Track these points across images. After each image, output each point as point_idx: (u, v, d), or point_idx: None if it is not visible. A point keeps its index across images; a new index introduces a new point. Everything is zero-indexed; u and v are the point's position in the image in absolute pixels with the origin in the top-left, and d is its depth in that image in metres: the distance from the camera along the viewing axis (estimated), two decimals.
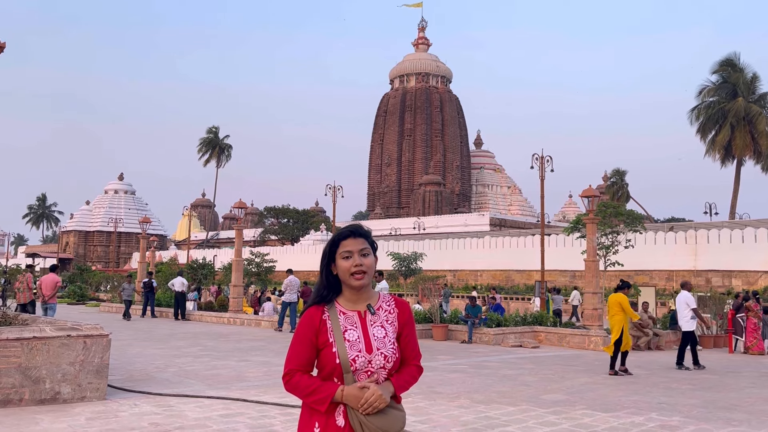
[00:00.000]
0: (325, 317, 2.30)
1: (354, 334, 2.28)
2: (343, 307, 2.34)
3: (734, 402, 8.58)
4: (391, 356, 2.29)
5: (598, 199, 19.35)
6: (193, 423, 6.58)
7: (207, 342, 15.39)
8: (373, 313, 2.34)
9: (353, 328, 2.29)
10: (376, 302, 2.38)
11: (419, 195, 72.92)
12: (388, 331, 2.32)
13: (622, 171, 58.74)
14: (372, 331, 2.30)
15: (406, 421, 2.33)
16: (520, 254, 39.92)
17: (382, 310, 2.37)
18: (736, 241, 32.37)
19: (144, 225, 32.69)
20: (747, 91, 44.47)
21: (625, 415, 7.49)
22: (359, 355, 2.24)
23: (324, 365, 2.26)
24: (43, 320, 8.86)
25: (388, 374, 2.29)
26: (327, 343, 2.26)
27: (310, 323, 2.29)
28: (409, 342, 2.37)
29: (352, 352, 2.24)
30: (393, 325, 2.34)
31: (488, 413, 7.39)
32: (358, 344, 2.26)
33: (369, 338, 2.28)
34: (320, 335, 2.28)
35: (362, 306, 2.35)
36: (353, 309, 2.34)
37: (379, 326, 2.32)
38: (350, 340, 2.26)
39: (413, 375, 2.37)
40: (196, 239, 78.96)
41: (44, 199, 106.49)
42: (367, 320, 2.32)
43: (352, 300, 2.35)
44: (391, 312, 2.37)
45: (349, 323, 2.30)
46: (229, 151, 76.93)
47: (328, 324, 2.29)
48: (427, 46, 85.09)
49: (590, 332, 16.14)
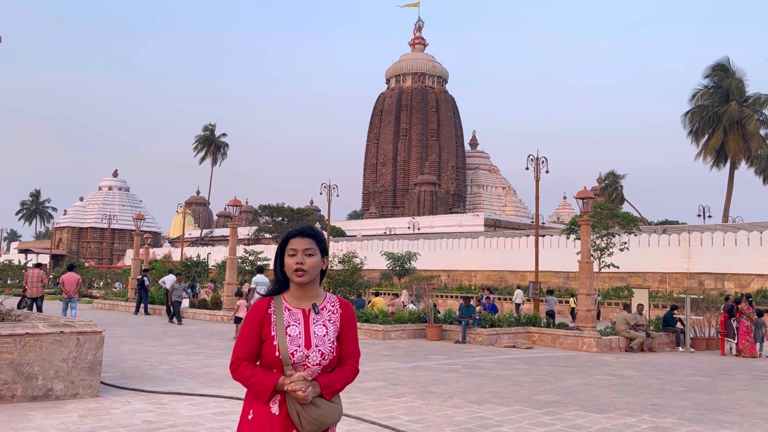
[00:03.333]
0: (270, 311, 2.42)
1: (296, 329, 2.38)
2: (289, 303, 2.45)
3: (726, 404, 8.62)
4: (328, 354, 2.39)
5: (592, 201, 19.38)
6: (186, 421, 6.56)
7: (200, 340, 15.35)
8: (317, 312, 2.44)
9: (296, 324, 2.40)
10: (321, 302, 2.48)
11: (414, 195, 72.92)
12: (329, 330, 2.42)
13: (617, 173, 58.86)
14: (313, 329, 2.40)
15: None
16: (515, 255, 39.95)
17: (326, 309, 2.47)
18: (729, 244, 32.49)
19: (138, 222, 32.53)
20: (739, 95, 44.73)
21: (617, 416, 7.51)
22: (297, 350, 2.35)
23: (264, 355, 2.37)
24: (35, 316, 8.82)
25: (323, 371, 2.39)
26: (269, 336, 2.37)
27: (256, 315, 2.41)
28: (349, 340, 2.47)
29: (292, 346, 2.35)
30: (335, 324, 2.44)
31: (482, 413, 7.39)
32: (298, 339, 2.37)
33: (309, 335, 2.39)
34: (264, 327, 2.39)
35: (307, 304, 2.45)
36: (298, 306, 2.45)
37: (321, 325, 2.42)
38: (291, 335, 2.37)
39: (346, 376, 2.46)
40: (190, 237, 78.72)
41: (37, 195, 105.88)
42: (310, 318, 2.43)
43: (297, 297, 2.46)
44: (335, 312, 2.48)
45: (293, 319, 2.41)
46: (225, 149, 76.60)
47: (273, 318, 2.40)
48: (424, 46, 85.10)
49: (584, 333, 16.18)
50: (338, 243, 49.12)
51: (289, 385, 2.29)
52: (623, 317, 16.69)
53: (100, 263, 70.55)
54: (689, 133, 46.58)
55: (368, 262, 33.66)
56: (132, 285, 29.19)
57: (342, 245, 46.33)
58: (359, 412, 7.17)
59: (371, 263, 37.07)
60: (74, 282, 18.24)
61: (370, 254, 40.12)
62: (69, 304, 18.07)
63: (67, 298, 17.95)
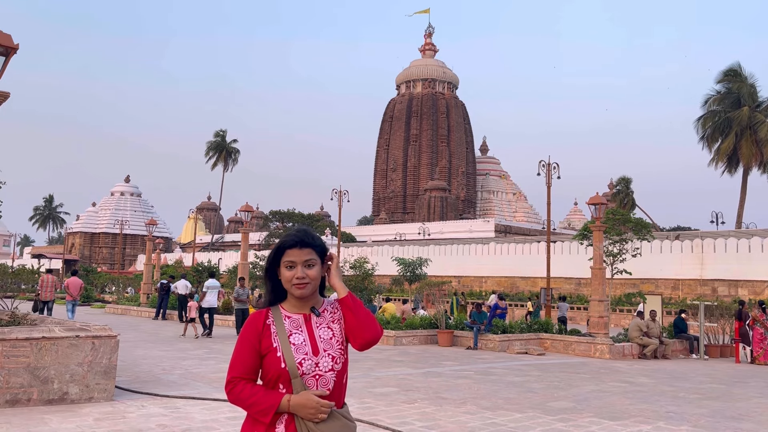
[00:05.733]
0: (269, 321, 2.22)
1: (299, 337, 2.19)
2: (287, 311, 2.25)
3: (742, 412, 8.54)
4: (339, 357, 2.20)
5: (604, 207, 19.30)
6: (200, 425, 6.59)
7: (212, 345, 15.40)
8: (318, 315, 2.25)
9: (298, 332, 2.20)
10: (320, 305, 2.29)
11: (424, 200, 72.89)
12: (335, 331, 2.23)
13: (628, 179, 58.50)
14: (318, 333, 2.21)
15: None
16: (526, 261, 39.83)
17: (327, 311, 2.28)
18: (742, 251, 32.22)
19: (150, 227, 32.75)
20: (751, 100, 44.49)
21: (632, 423, 7.46)
22: (305, 358, 2.15)
23: (268, 371, 2.16)
24: (51, 320, 8.89)
25: (338, 377, 2.19)
26: (271, 348, 2.16)
27: (254, 328, 2.20)
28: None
29: (298, 355, 2.15)
30: (340, 323, 2.25)
31: (495, 420, 7.37)
32: (304, 347, 2.17)
33: (315, 340, 2.19)
34: (263, 340, 2.18)
35: (307, 309, 2.26)
36: (298, 312, 2.25)
37: (325, 327, 2.23)
38: (295, 344, 2.17)
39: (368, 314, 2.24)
40: (201, 242, 79.09)
41: (51, 200, 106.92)
42: (313, 322, 2.24)
43: (297, 305, 2.26)
44: (336, 311, 2.28)
45: (294, 326, 2.21)
46: (236, 156, 77.07)
47: (272, 328, 2.20)
48: (434, 52, 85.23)
49: (596, 340, 16.10)
50: (349, 249, 49.15)
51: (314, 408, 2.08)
52: (636, 324, 16.59)
53: (112, 268, 71.01)
54: (701, 138, 46.36)
55: (379, 268, 33.66)
56: (144, 290, 29.36)
57: (353, 251, 46.35)
58: (372, 417, 7.17)
59: (382, 269, 37.06)
60: (77, 286, 19.68)
61: (380, 260, 40.12)
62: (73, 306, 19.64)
63: (72, 301, 19.30)
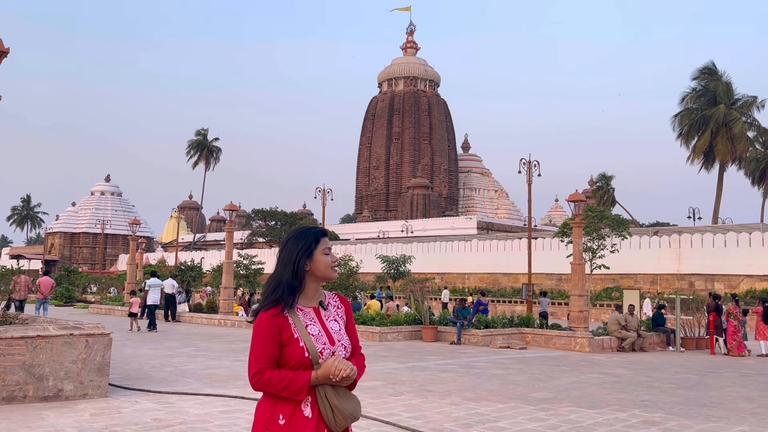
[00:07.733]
0: (286, 313, 2.37)
1: (315, 328, 2.39)
2: (300, 304, 2.43)
3: (714, 400, 8.93)
4: (348, 346, 2.45)
5: (584, 204, 19.72)
6: (195, 419, 6.79)
7: (200, 343, 15.56)
8: (325, 308, 2.48)
9: (312, 323, 2.40)
10: (325, 299, 2.53)
11: (407, 198, 73.24)
12: (341, 325, 2.48)
13: (609, 176, 59.31)
14: (329, 325, 2.44)
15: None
16: (507, 257, 40.32)
17: (331, 306, 2.52)
18: (718, 246, 32.95)
19: (133, 227, 32.65)
20: (727, 98, 45.36)
21: (609, 411, 7.80)
22: (325, 347, 2.35)
23: (290, 359, 2.32)
24: (44, 319, 9.03)
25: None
26: (292, 339, 2.32)
27: (274, 320, 2.34)
28: (353, 334, 2.54)
29: (318, 344, 2.35)
30: (342, 319, 2.51)
31: (479, 410, 7.67)
32: (321, 337, 2.37)
33: (329, 331, 2.41)
34: (284, 331, 2.33)
35: (315, 302, 2.47)
36: (308, 305, 2.45)
37: (333, 320, 2.47)
38: (313, 335, 2.37)
39: (363, 364, 2.53)
40: (183, 241, 78.69)
41: (28, 200, 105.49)
42: (322, 315, 2.46)
43: (309, 297, 2.46)
44: (339, 307, 2.54)
45: (308, 319, 2.41)
46: (218, 154, 76.67)
47: (290, 320, 2.36)
48: (416, 50, 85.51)
49: (576, 334, 16.49)
50: (332, 247, 49.33)
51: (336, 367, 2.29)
52: (615, 318, 17.02)
53: (92, 268, 70.44)
54: (678, 135, 47.21)
55: (363, 266, 33.91)
56: (128, 290, 29.29)
57: (336, 249, 46.55)
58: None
59: (366, 266, 37.31)
60: (49, 285, 20.03)
61: (364, 257, 40.36)
62: (43, 304, 19.79)
63: (42, 299, 19.56)
